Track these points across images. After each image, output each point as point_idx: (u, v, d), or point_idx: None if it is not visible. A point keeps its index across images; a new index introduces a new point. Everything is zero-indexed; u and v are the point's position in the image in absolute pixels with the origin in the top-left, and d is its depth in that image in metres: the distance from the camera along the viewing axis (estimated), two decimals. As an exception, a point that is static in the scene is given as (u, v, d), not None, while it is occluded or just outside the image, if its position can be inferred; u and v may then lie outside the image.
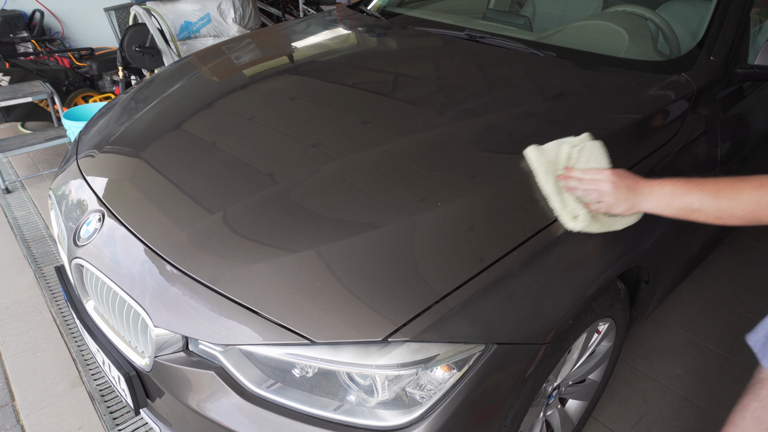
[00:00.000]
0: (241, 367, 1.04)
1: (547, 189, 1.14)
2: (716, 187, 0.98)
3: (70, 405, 1.80)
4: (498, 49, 1.78)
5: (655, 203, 1.04)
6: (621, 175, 1.08)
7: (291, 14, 5.83)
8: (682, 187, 1.01)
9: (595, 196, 1.09)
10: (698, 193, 0.99)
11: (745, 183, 0.96)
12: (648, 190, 1.05)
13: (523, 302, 1.05)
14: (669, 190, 1.03)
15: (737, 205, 0.96)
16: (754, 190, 0.94)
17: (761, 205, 0.93)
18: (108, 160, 1.51)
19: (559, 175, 1.14)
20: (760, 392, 1.14)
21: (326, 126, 1.45)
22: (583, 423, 1.65)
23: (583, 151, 1.15)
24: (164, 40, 3.70)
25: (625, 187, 1.07)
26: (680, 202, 1.01)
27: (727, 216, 0.97)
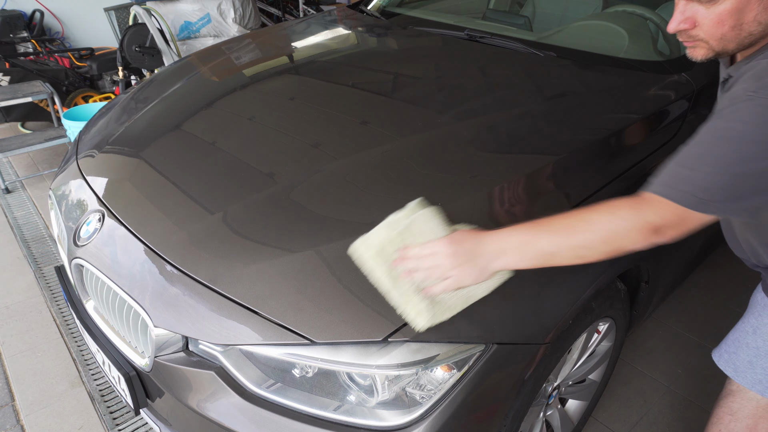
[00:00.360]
0: (241, 367, 1.04)
1: (383, 284, 0.95)
2: (565, 224, 0.89)
3: (70, 405, 1.80)
4: (498, 49, 1.78)
5: (506, 260, 0.91)
6: (459, 240, 0.93)
7: (291, 14, 5.83)
8: (531, 234, 0.91)
9: (438, 273, 0.92)
10: (548, 236, 0.89)
11: (593, 213, 0.88)
12: (495, 246, 0.92)
13: (523, 302, 1.05)
14: (516, 241, 0.91)
15: (592, 238, 0.87)
16: (604, 217, 0.87)
17: (617, 231, 0.85)
18: (108, 160, 1.51)
19: (394, 261, 0.95)
20: (731, 405, 1.15)
21: (326, 126, 1.45)
22: (583, 423, 1.64)
23: (413, 226, 0.97)
24: (164, 40, 3.70)
25: (466, 253, 0.91)
26: (533, 249, 0.90)
27: (586, 252, 0.88)
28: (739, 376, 1.11)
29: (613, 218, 0.87)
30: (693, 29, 0.87)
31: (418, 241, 0.95)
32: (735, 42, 0.85)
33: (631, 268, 1.33)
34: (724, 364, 1.15)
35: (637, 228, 0.85)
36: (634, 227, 0.85)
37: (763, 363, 1.07)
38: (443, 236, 0.95)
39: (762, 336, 1.07)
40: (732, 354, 1.13)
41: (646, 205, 0.85)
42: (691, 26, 0.87)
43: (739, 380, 1.12)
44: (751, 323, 1.10)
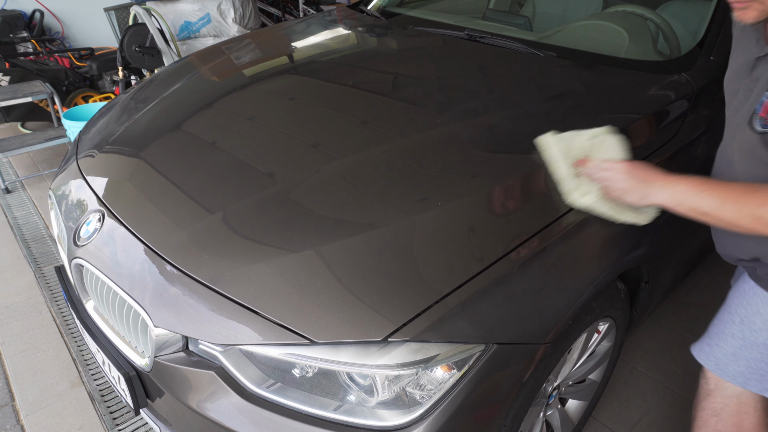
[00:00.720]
0: (241, 367, 1.04)
1: (561, 172, 1.13)
2: (725, 194, 0.94)
3: (70, 405, 1.80)
4: (498, 49, 1.78)
5: (666, 198, 1.01)
6: (637, 167, 1.06)
7: (291, 14, 5.83)
8: (696, 188, 0.98)
9: (608, 184, 1.08)
10: (707, 197, 0.96)
11: (751, 196, 0.91)
12: (662, 184, 1.02)
13: (523, 302, 1.05)
14: (682, 188, 0.99)
15: (740, 218, 0.92)
16: (757, 206, 0.90)
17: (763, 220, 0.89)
18: (108, 160, 1.51)
19: (575, 162, 1.13)
20: (713, 406, 1.15)
21: (326, 126, 1.45)
22: (583, 423, 1.64)
23: (601, 143, 1.13)
24: (164, 40, 3.70)
25: (639, 178, 1.04)
26: (690, 202, 0.98)
27: (731, 225, 0.94)
28: (719, 369, 1.11)
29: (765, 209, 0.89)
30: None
31: (601, 157, 1.12)
32: None
33: (631, 268, 1.33)
34: (704, 358, 1.15)
35: None
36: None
37: (747, 354, 1.06)
38: (624, 161, 1.09)
39: (749, 325, 1.06)
40: (714, 346, 1.13)
41: None
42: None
43: (719, 373, 1.11)
44: (739, 313, 1.09)
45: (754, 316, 1.06)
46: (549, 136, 1.16)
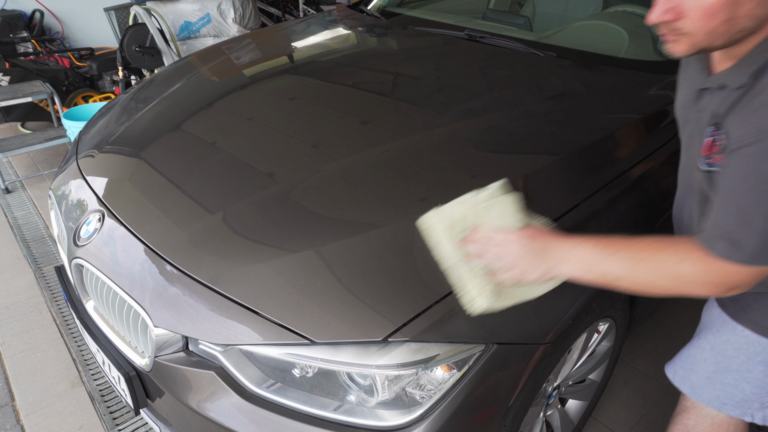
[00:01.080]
0: (241, 367, 1.04)
1: (448, 259, 0.95)
2: (636, 253, 0.85)
3: (70, 405, 1.80)
4: (498, 49, 1.78)
5: (571, 268, 0.90)
6: (533, 237, 0.93)
7: (291, 14, 5.83)
8: (603, 250, 0.88)
9: (505, 263, 0.92)
10: (618, 260, 0.86)
11: (666, 251, 0.83)
12: (564, 252, 0.90)
13: (523, 302, 1.04)
14: (588, 254, 0.89)
15: (656, 279, 0.83)
16: (675, 260, 0.82)
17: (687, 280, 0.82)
18: (108, 160, 1.51)
19: (463, 239, 0.95)
20: (686, 422, 1.13)
21: (326, 126, 1.45)
22: (583, 423, 1.64)
23: (492, 209, 0.96)
24: (164, 40, 3.70)
25: (537, 250, 0.91)
26: (600, 268, 0.88)
27: (648, 288, 0.85)
28: (695, 393, 1.08)
29: (684, 265, 0.82)
30: (677, 21, 0.75)
31: (492, 225, 0.95)
32: (724, 38, 0.75)
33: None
34: (679, 381, 1.11)
35: (706, 282, 0.81)
36: (703, 281, 0.81)
37: (723, 378, 1.03)
38: (518, 228, 0.94)
39: (721, 352, 1.03)
40: (688, 371, 1.09)
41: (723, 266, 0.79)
42: (676, 17, 0.75)
43: (695, 397, 1.08)
44: (709, 340, 1.06)
45: (724, 344, 1.02)
46: (430, 215, 0.97)
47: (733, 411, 1.04)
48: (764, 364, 0.98)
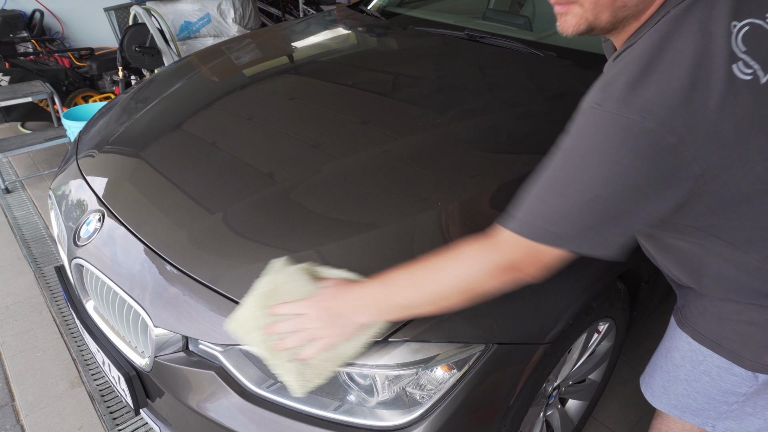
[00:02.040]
0: (241, 367, 1.04)
1: (263, 356, 0.95)
2: (416, 276, 0.85)
3: (70, 405, 1.80)
4: (498, 49, 1.78)
5: (366, 314, 0.90)
6: (322, 299, 0.92)
7: (291, 14, 5.83)
8: (384, 288, 0.87)
9: (306, 336, 0.91)
10: (401, 290, 0.86)
11: (443, 259, 0.83)
12: (350, 305, 0.90)
13: (523, 302, 1.04)
14: (371, 297, 0.88)
15: (444, 288, 0.82)
16: (452, 263, 0.82)
17: (467, 278, 0.80)
18: (108, 160, 1.51)
19: (266, 329, 0.93)
20: (660, 427, 1.12)
21: (326, 126, 1.45)
22: (583, 423, 1.64)
23: (279, 289, 0.95)
24: (164, 40, 3.70)
25: (329, 312, 0.91)
26: (389, 302, 0.87)
27: (445, 302, 0.84)
28: (656, 401, 1.06)
29: (460, 264, 0.81)
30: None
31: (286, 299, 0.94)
32: (609, 11, 0.72)
33: (631, 268, 1.33)
34: (644, 388, 1.09)
35: (487, 271, 0.79)
36: (484, 271, 0.79)
37: (676, 388, 1.00)
38: (309, 296, 0.93)
39: (671, 360, 1.00)
40: (649, 377, 1.07)
41: (493, 245, 0.78)
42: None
43: (656, 405, 1.06)
44: (665, 345, 1.03)
45: (674, 351, 0.99)
46: (230, 324, 0.97)
47: (693, 420, 1.01)
48: (708, 374, 0.93)
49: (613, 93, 0.68)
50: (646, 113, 0.65)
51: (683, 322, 0.96)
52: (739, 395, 0.91)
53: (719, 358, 0.90)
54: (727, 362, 0.89)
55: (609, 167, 0.67)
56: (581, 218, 0.71)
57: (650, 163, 0.66)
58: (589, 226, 0.72)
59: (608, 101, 0.68)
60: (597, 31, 0.76)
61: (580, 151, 0.71)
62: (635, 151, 0.66)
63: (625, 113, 0.66)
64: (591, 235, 0.72)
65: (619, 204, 0.69)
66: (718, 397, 0.94)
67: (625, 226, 0.72)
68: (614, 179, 0.68)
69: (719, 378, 0.91)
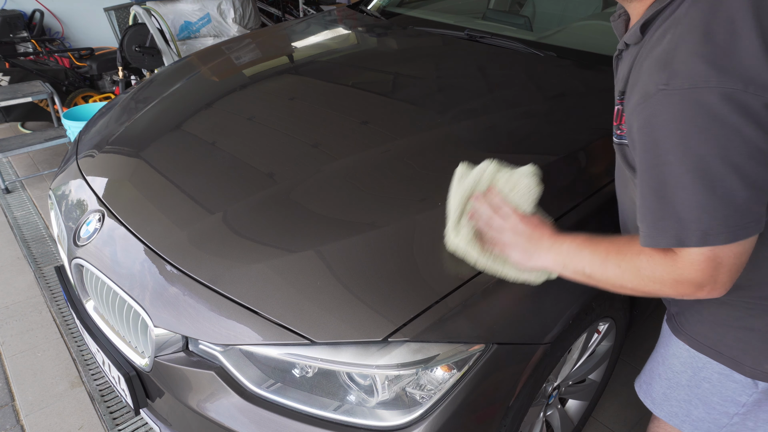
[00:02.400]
0: (241, 367, 1.04)
1: (454, 202, 1.01)
2: (607, 249, 0.82)
3: (70, 405, 1.80)
4: (498, 49, 1.78)
5: (550, 261, 0.90)
6: (531, 223, 0.94)
7: (291, 14, 5.83)
8: (578, 246, 0.86)
9: (497, 236, 0.95)
10: (590, 257, 0.84)
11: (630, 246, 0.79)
12: (547, 245, 0.90)
13: (523, 302, 1.04)
14: (566, 249, 0.88)
15: (623, 274, 0.79)
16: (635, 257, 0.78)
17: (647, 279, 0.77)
18: (108, 160, 1.51)
19: (475, 195, 0.99)
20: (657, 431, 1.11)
21: (326, 126, 1.45)
22: (583, 423, 1.64)
23: (516, 184, 0.99)
24: (164, 40, 3.70)
25: (528, 235, 0.93)
26: (574, 264, 0.87)
27: (616, 287, 0.82)
28: (657, 408, 1.05)
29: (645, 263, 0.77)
30: None
31: (507, 197, 0.98)
32: None
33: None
34: (643, 395, 1.08)
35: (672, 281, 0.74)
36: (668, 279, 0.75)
37: (678, 395, 0.98)
38: (526, 211, 0.97)
39: (671, 367, 0.98)
40: (648, 385, 1.07)
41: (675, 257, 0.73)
42: None
43: (656, 412, 1.05)
44: (661, 353, 1.02)
45: (672, 358, 0.98)
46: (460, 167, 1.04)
47: (691, 430, 1.00)
48: (708, 381, 0.92)
49: (679, 68, 0.64)
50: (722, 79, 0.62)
51: (679, 330, 0.95)
52: (739, 405, 0.90)
53: (719, 364, 0.89)
54: (727, 369, 0.88)
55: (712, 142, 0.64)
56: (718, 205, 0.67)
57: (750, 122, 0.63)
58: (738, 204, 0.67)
59: (676, 78, 0.64)
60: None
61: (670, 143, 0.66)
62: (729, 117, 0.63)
63: (701, 84, 0.63)
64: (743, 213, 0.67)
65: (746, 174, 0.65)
66: (718, 407, 0.93)
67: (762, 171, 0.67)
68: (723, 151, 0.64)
69: (720, 384, 0.91)
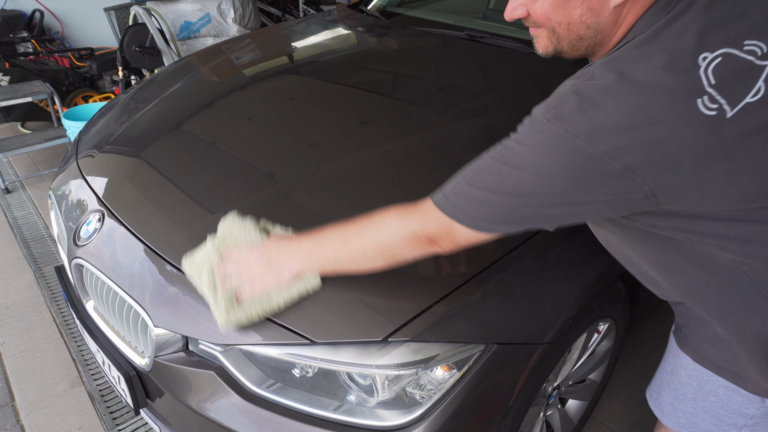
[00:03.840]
0: (241, 367, 1.04)
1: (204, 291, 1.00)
2: (344, 231, 0.90)
3: (70, 405, 1.80)
4: (498, 49, 1.78)
5: (298, 263, 0.95)
6: (265, 247, 0.99)
7: (291, 14, 5.83)
8: (317, 240, 0.93)
9: (245, 278, 0.97)
10: (330, 243, 0.91)
11: (369, 220, 0.87)
12: (285, 253, 0.96)
13: (523, 302, 1.05)
14: (305, 246, 0.94)
15: (365, 246, 0.87)
16: (375, 225, 0.86)
17: (386, 240, 0.85)
18: (108, 160, 1.51)
19: (217, 266, 1.01)
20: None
21: (326, 126, 1.45)
22: (583, 423, 1.64)
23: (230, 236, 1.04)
24: (164, 40, 3.70)
25: (268, 257, 0.97)
26: (318, 255, 0.93)
27: (364, 262, 0.89)
28: (665, 418, 1.04)
29: (382, 228, 0.85)
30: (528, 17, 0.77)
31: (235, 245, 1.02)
32: (566, 42, 0.76)
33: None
34: (653, 404, 1.07)
35: (405, 238, 0.83)
36: (402, 238, 0.83)
37: (684, 407, 0.97)
38: (256, 243, 1.01)
39: (678, 378, 0.97)
40: (657, 394, 1.05)
41: (416, 214, 0.82)
42: (525, 14, 0.77)
43: (665, 422, 1.04)
44: (669, 362, 1.01)
45: (678, 370, 0.97)
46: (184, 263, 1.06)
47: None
48: (715, 394, 0.91)
49: (564, 113, 0.68)
50: (591, 139, 0.65)
51: (684, 343, 0.94)
52: (747, 417, 0.89)
53: (723, 379, 0.88)
54: (731, 384, 0.88)
55: (544, 179, 0.69)
56: (503, 212, 0.74)
57: (589, 183, 0.67)
58: (507, 220, 0.75)
59: (558, 120, 0.68)
60: (567, 56, 0.79)
61: (521, 156, 0.72)
62: (574, 172, 0.67)
63: (571, 135, 0.66)
64: (508, 226, 0.77)
65: (544, 209, 0.72)
66: (726, 419, 0.92)
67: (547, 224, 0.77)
68: (545, 191, 0.70)
69: (726, 398, 0.90)
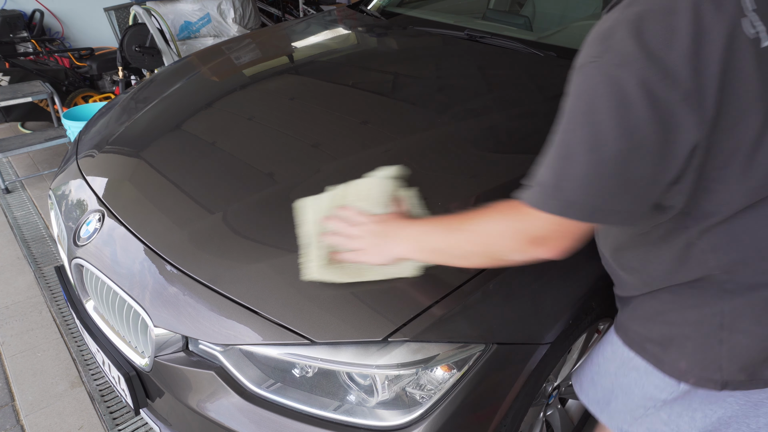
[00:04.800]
0: (241, 367, 1.04)
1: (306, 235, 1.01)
2: (452, 226, 0.85)
3: (70, 405, 1.80)
4: (498, 49, 1.78)
5: (404, 247, 0.92)
6: (383, 220, 0.96)
7: (291, 14, 5.83)
8: (429, 227, 0.90)
9: (353, 243, 0.96)
10: (439, 232, 0.87)
11: (479, 214, 0.81)
12: (398, 234, 0.93)
13: (523, 302, 1.05)
14: (414, 232, 0.91)
15: (469, 242, 0.82)
16: (484, 220, 0.80)
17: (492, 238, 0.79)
18: (108, 160, 1.51)
19: (326, 217, 1.01)
20: None
21: (326, 126, 1.45)
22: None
23: (369, 190, 1.03)
24: (164, 40, 3.70)
25: (381, 233, 0.94)
26: (426, 242, 0.89)
27: (463, 253, 0.84)
28: (582, 394, 1.06)
29: (490, 227, 0.79)
30: None
31: (360, 207, 1.01)
32: None
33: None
34: (574, 379, 1.10)
35: (513, 241, 0.76)
36: (510, 241, 0.77)
37: (603, 381, 1.01)
38: (380, 213, 0.99)
39: (603, 353, 1.01)
40: (581, 369, 1.09)
41: (523, 215, 0.74)
42: None
43: (581, 398, 1.07)
44: (601, 342, 1.05)
45: (606, 345, 1.01)
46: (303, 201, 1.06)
47: (607, 419, 1.01)
48: (636, 370, 0.92)
49: (612, 44, 0.65)
50: (649, 63, 0.62)
51: (618, 326, 0.98)
52: (658, 401, 0.91)
53: (643, 360, 0.90)
54: (650, 366, 0.89)
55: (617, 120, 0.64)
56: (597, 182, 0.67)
57: (655, 113, 0.63)
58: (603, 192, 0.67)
59: (608, 53, 0.65)
60: None
61: (583, 108, 0.68)
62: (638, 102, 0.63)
63: (627, 64, 0.63)
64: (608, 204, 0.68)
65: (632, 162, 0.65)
66: (637, 400, 0.94)
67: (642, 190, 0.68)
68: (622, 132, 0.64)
69: (644, 379, 0.92)
